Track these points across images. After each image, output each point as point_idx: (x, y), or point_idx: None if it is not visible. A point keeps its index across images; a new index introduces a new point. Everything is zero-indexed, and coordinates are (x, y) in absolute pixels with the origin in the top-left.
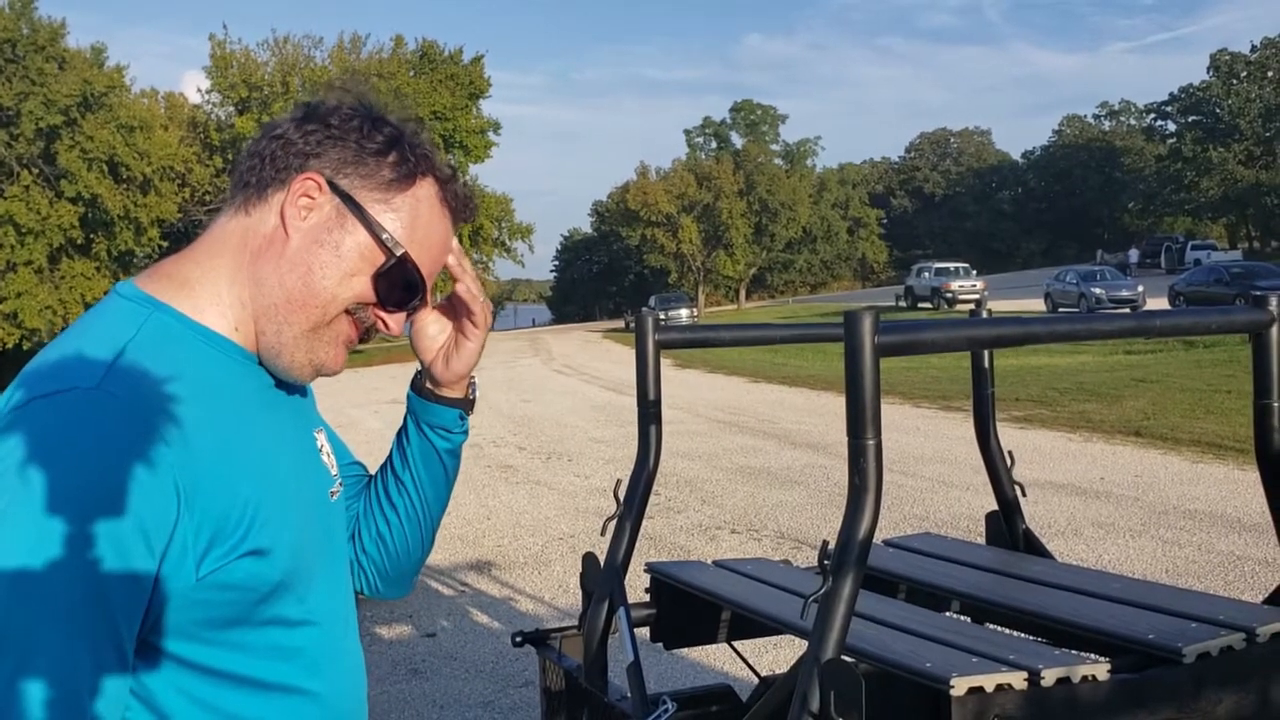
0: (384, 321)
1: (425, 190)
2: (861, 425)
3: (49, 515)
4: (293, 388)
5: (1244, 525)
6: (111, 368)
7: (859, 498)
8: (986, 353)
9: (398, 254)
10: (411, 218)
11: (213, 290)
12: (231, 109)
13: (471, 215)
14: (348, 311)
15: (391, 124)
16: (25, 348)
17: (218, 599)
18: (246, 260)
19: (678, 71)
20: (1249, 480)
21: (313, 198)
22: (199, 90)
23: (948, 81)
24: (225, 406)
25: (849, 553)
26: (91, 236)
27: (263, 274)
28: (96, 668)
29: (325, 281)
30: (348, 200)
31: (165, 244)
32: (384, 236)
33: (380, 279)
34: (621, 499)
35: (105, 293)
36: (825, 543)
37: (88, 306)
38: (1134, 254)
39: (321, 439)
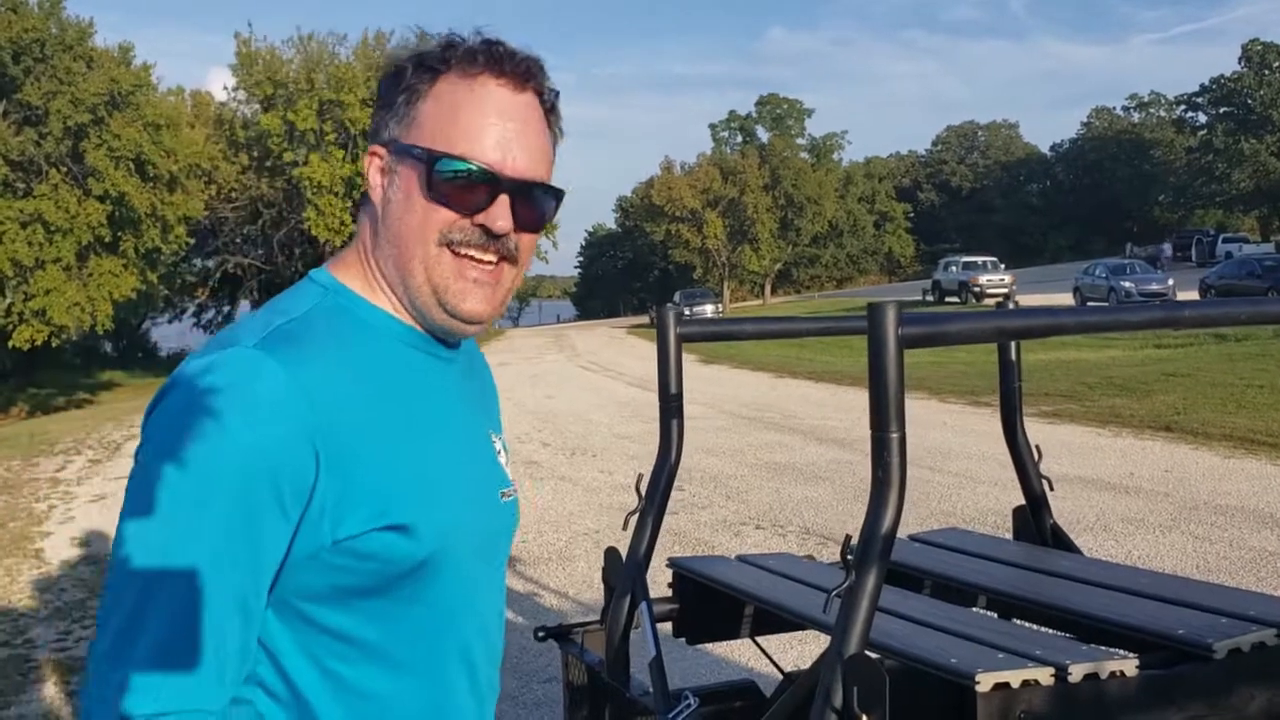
0: (486, 225)
1: (446, 87)
2: (885, 418)
3: (193, 468)
4: (478, 387)
5: (1276, 521)
6: (272, 332)
7: (882, 492)
8: (1013, 346)
9: (427, 155)
10: (435, 118)
11: (367, 272)
12: (257, 106)
13: (516, 63)
14: (454, 249)
15: (405, 57)
16: (54, 344)
17: (356, 567)
18: (374, 243)
19: (701, 66)
20: None
21: (380, 163)
22: (225, 88)
23: (973, 75)
24: (385, 385)
25: (872, 547)
26: (119, 234)
27: (381, 249)
28: (224, 615)
29: (407, 222)
30: (392, 145)
31: (192, 241)
32: (416, 152)
33: (434, 190)
34: (643, 494)
35: (133, 290)
36: (848, 537)
37: (115, 303)
38: (1167, 247)
39: (498, 444)
